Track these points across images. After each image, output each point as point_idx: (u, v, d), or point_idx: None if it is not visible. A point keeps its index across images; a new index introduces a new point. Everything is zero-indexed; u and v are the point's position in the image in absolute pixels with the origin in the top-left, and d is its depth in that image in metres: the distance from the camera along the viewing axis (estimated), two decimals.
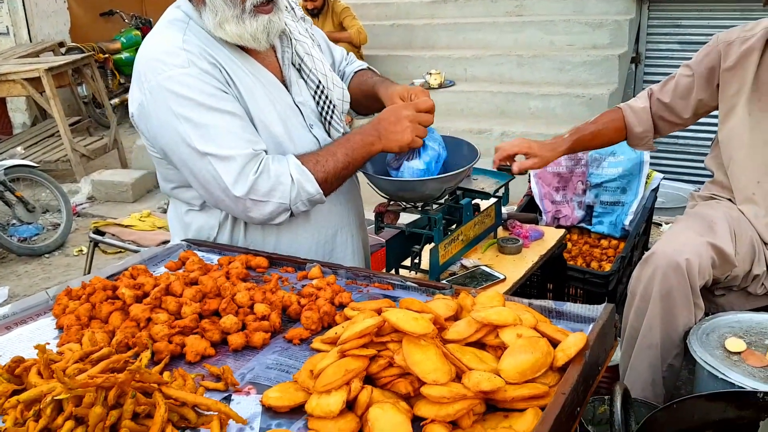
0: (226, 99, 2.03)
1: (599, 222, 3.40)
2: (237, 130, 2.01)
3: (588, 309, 1.62)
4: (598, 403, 2.23)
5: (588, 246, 3.40)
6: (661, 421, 1.53)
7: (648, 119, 2.63)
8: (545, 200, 3.46)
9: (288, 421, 1.35)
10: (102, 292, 1.76)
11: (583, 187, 3.42)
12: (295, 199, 2.05)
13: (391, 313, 1.42)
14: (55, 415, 1.29)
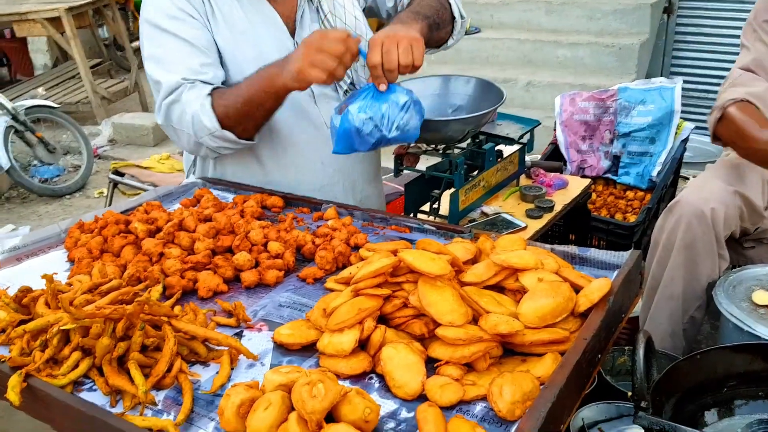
0: (187, 24, 1.97)
1: (626, 173, 3.30)
2: (180, 57, 1.96)
3: (613, 255, 1.55)
4: (617, 353, 2.18)
5: (613, 197, 3.31)
6: (684, 372, 1.48)
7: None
8: (571, 149, 3.36)
9: (299, 358, 1.32)
10: (114, 225, 1.73)
11: (611, 136, 3.32)
12: (199, 133, 1.96)
13: (407, 253, 1.37)
14: (61, 345, 1.27)
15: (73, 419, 1.17)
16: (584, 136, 3.37)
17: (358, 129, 1.74)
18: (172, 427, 1.12)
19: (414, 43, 1.76)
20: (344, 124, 1.75)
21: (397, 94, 1.78)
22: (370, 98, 1.76)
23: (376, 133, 1.76)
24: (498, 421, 1.14)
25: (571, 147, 3.36)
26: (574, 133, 3.36)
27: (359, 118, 1.73)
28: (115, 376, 1.21)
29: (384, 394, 1.22)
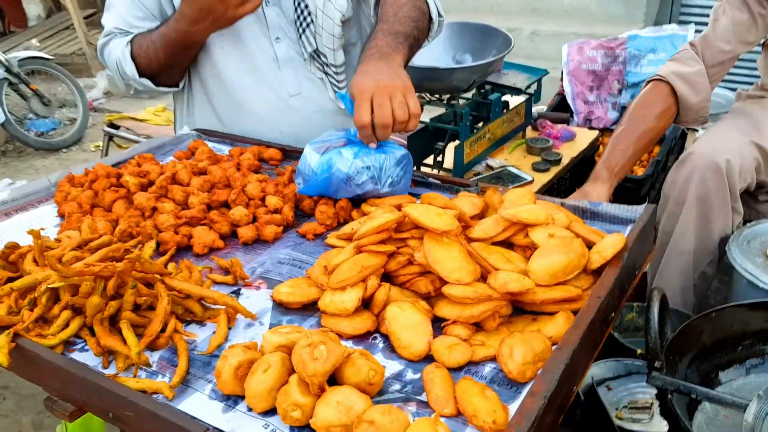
0: None
1: None
2: (122, 6, 2.01)
3: (626, 210, 1.49)
4: (626, 309, 2.13)
5: None
6: (698, 330, 1.43)
7: (705, 83, 2.18)
8: (578, 100, 3.26)
9: (300, 317, 1.27)
10: (105, 179, 1.65)
11: (619, 86, 3.22)
12: (124, 78, 2.05)
13: (412, 208, 1.30)
14: (50, 304, 1.22)
15: (63, 381, 1.12)
16: (591, 86, 3.26)
17: (348, 177, 1.52)
18: (167, 389, 1.07)
19: (407, 93, 1.60)
20: (330, 170, 1.52)
21: (393, 146, 1.59)
22: (365, 146, 1.57)
23: (369, 185, 1.54)
24: (508, 383, 1.08)
25: (578, 98, 3.26)
26: (581, 83, 3.26)
27: (354, 166, 1.52)
28: (107, 337, 1.15)
29: (389, 354, 1.16)
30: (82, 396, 1.11)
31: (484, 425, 0.98)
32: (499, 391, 1.06)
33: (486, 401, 1.01)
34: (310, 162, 1.54)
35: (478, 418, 0.99)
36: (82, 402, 1.12)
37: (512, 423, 0.94)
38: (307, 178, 1.55)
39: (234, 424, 1.02)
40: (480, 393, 1.03)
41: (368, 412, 0.96)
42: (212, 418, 1.03)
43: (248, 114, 2.10)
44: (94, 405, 1.10)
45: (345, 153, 1.51)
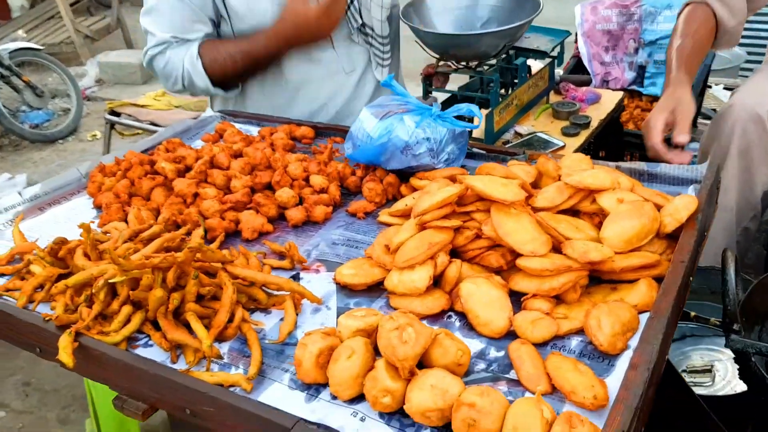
0: None
1: (652, 83, 3.16)
2: (171, 12, 1.97)
3: (686, 170, 1.44)
4: None
5: (639, 110, 3.17)
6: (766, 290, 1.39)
7: (743, 8, 2.11)
8: (594, 61, 3.20)
9: (367, 299, 1.22)
10: (139, 167, 1.59)
11: (636, 45, 3.15)
12: (191, 89, 2.08)
13: (475, 180, 1.25)
14: (109, 299, 1.16)
15: (133, 378, 1.07)
16: (607, 46, 3.19)
17: (407, 146, 1.46)
18: (245, 381, 1.03)
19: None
20: (389, 135, 1.46)
21: (453, 120, 1.52)
22: (428, 116, 1.50)
23: (426, 157, 1.48)
24: (599, 356, 1.05)
25: (594, 59, 3.19)
26: (596, 44, 3.19)
27: (415, 135, 1.46)
28: (174, 330, 1.10)
29: (467, 333, 1.12)
30: (155, 393, 1.06)
31: (584, 401, 0.94)
32: (591, 365, 1.02)
33: (582, 376, 0.97)
34: (365, 126, 1.48)
35: (577, 395, 0.95)
36: (155, 399, 1.07)
37: (619, 398, 0.90)
38: (360, 143, 1.50)
39: (321, 414, 0.97)
40: (574, 368, 0.99)
41: (465, 394, 0.92)
42: (296, 409, 0.99)
43: (303, 97, 2.14)
44: (168, 402, 1.05)
45: (407, 120, 1.46)
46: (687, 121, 1.77)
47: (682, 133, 1.75)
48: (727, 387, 1.58)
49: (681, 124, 1.77)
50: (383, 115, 1.48)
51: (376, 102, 1.55)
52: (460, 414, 0.90)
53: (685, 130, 1.75)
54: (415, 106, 1.51)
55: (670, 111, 1.80)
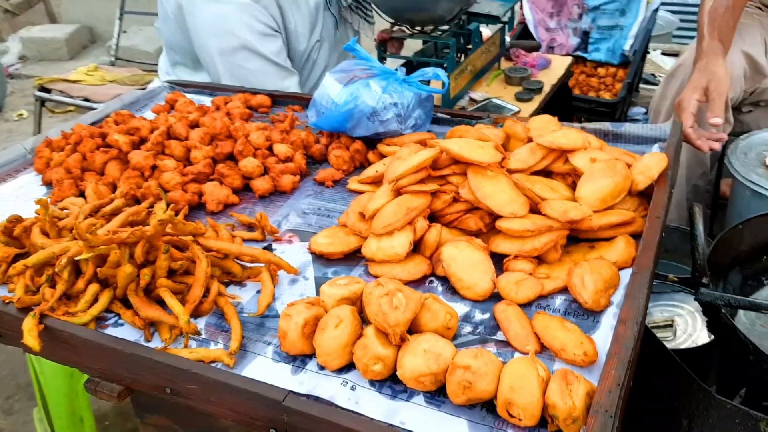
0: (271, 38, 2.01)
1: (596, 49, 3.20)
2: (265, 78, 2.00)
3: (650, 129, 1.46)
4: None
5: (584, 75, 3.22)
6: (731, 241, 1.43)
7: None
8: (539, 28, 3.21)
9: (345, 267, 1.19)
10: (90, 140, 1.51)
11: (579, 11, 3.18)
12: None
13: (450, 143, 1.23)
14: (73, 278, 1.10)
15: (106, 359, 1.02)
16: (552, 12, 3.22)
17: (374, 111, 1.43)
18: (227, 356, 0.99)
19: None
20: (355, 101, 1.43)
21: (418, 85, 1.49)
22: (394, 81, 1.46)
23: (393, 123, 1.45)
24: (583, 313, 1.05)
25: (539, 25, 3.21)
26: (541, 10, 3.21)
27: (382, 101, 1.42)
28: (148, 307, 1.05)
29: (450, 297, 1.11)
30: (131, 374, 1.01)
31: (575, 358, 0.94)
32: (576, 323, 1.02)
33: (571, 334, 0.98)
34: (330, 92, 1.44)
35: (567, 352, 0.95)
36: (131, 380, 1.02)
37: (612, 353, 0.90)
38: (324, 110, 1.46)
39: (309, 385, 0.95)
40: (561, 326, 0.99)
41: (459, 357, 0.91)
42: (284, 382, 0.95)
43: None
44: (146, 382, 1.00)
45: (373, 85, 1.42)
46: (721, 99, 1.68)
47: (716, 115, 1.66)
48: (688, 340, 1.63)
49: (714, 104, 1.68)
50: (348, 81, 1.45)
51: (339, 67, 1.50)
52: (455, 377, 0.89)
53: (719, 110, 1.66)
54: (379, 71, 1.48)
55: (703, 89, 1.71)
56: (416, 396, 0.93)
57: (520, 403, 0.86)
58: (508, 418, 0.88)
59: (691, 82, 1.76)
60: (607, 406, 0.83)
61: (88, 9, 7.19)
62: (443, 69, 2.12)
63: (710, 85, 1.72)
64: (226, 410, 0.96)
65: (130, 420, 2.34)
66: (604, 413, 0.82)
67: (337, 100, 1.43)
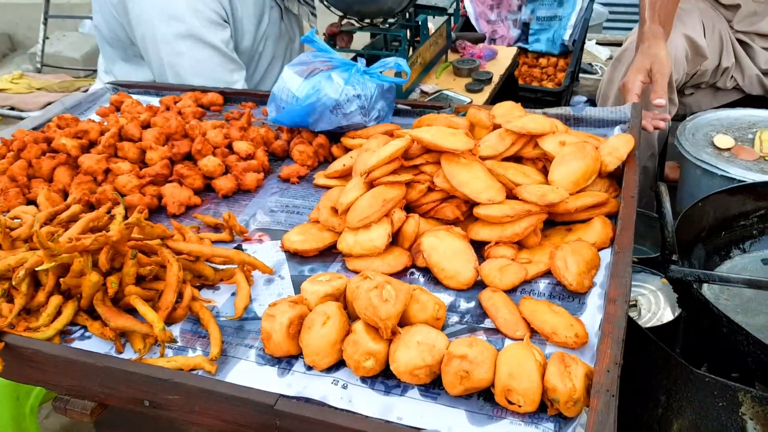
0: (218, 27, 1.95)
1: (536, 39, 3.24)
2: (212, 69, 1.94)
3: (611, 112, 1.48)
4: None
5: (527, 66, 3.25)
6: (693, 218, 1.46)
7: None
8: (480, 20, 3.23)
9: (321, 264, 1.16)
10: (35, 145, 1.42)
11: (519, 2, 3.21)
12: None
13: (422, 132, 1.21)
14: (32, 291, 1.03)
15: (77, 375, 0.95)
16: (492, 4, 3.24)
17: (337, 104, 1.39)
18: (208, 363, 0.94)
19: None
20: (318, 95, 1.38)
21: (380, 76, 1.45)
22: (356, 72, 1.42)
23: (357, 116, 1.41)
24: (568, 296, 1.05)
25: (480, 18, 3.23)
26: (482, 2, 3.23)
27: (345, 93, 1.39)
28: (118, 317, 0.99)
29: (433, 288, 1.09)
30: (105, 388, 0.95)
31: (567, 341, 0.93)
32: (562, 306, 1.02)
33: (560, 317, 0.97)
34: (290, 86, 1.39)
35: (559, 335, 0.94)
36: (105, 395, 0.96)
37: (605, 332, 0.90)
38: (285, 105, 1.41)
39: (299, 387, 0.91)
40: (549, 310, 0.98)
41: (454, 347, 0.89)
42: (271, 385, 0.91)
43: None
44: (122, 396, 0.94)
45: (335, 77, 1.38)
46: (664, 80, 1.72)
47: (659, 96, 1.70)
48: (653, 319, 1.65)
49: (658, 85, 1.72)
50: (308, 74, 1.41)
51: (297, 60, 1.46)
52: (451, 367, 0.87)
53: (662, 91, 1.70)
54: (339, 63, 1.44)
55: (646, 71, 1.74)
56: (411, 390, 0.91)
57: (520, 389, 0.84)
58: (507, 405, 0.86)
59: (635, 65, 1.80)
60: (607, 386, 0.82)
61: (6, 16, 6.87)
62: None
63: (653, 67, 1.76)
64: (211, 419, 0.91)
65: None
66: (606, 393, 0.82)
67: (298, 94, 1.39)
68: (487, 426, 0.85)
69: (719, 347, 1.28)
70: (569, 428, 0.83)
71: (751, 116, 2.03)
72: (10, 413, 1.72)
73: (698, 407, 1.19)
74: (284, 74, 1.42)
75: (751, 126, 1.98)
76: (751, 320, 1.35)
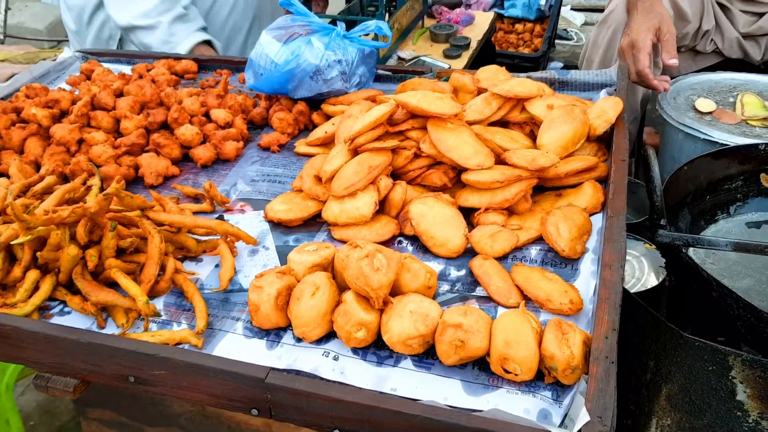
0: None
1: (512, 5, 3.19)
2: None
3: (596, 75, 1.46)
4: None
5: (502, 32, 3.21)
6: (679, 182, 1.45)
7: None
8: None
9: (306, 234, 1.13)
10: (4, 116, 1.37)
11: None
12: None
13: (407, 96, 1.18)
14: (8, 266, 0.99)
15: (59, 352, 0.92)
16: None
17: (317, 70, 1.35)
18: (194, 336, 0.92)
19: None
20: (297, 60, 1.34)
21: (360, 40, 1.41)
22: (337, 36, 1.38)
23: (338, 82, 1.38)
24: (561, 262, 1.03)
25: None
26: None
27: (326, 58, 1.34)
28: (99, 291, 0.96)
29: (422, 256, 1.07)
30: (88, 365, 0.92)
31: (562, 308, 0.92)
32: (555, 272, 1.00)
33: (554, 283, 0.95)
34: (268, 52, 1.34)
35: (553, 302, 0.93)
36: (88, 372, 0.93)
37: (602, 297, 0.89)
38: (263, 71, 1.36)
39: (289, 360, 0.89)
40: (543, 277, 0.97)
41: (447, 315, 0.87)
42: (259, 358, 0.89)
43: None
44: (107, 372, 0.91)
45: (315, 42, 1.33)
46: (673, 39, 1.67)
47: (673, 56, 1.66)
48: (638, 284, 1.65)
49: (669, 44, 1.67)
50: (287, 38, 1.36)
51: (275, 24, 1.41)
52: (446, 336, 0.85)
53: (674, 50, 1.66)
54: (319, 27, 1.40)
55: (655, 30, 1.69)
56: (403, 360, 0.89)
57: (517, 358, 0.83)
58: (503, 374, 0.85)
59: (642, 24, 1.74)
60: (607, 352, 0.81)
61: None
62: None
63: (662, 26, 1.72)
64: (200, 394, 0.88)
65: (57, 418, 2.20)
66: (605, 359, 0.80)
67: (276, 60, 1.34)
68: (483, 395, 0.84)
69: (708, 312, 1.28)
70: (567, 396, 0.82)
71: (732, 80, 2.02)
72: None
73: (687, 372, 1.20)
74: (262, 39, 1.38)
75: (731, 89, 1.97)
76: (737, 283, 1.35)
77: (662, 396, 1.25)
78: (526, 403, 0.82)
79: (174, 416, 1.17)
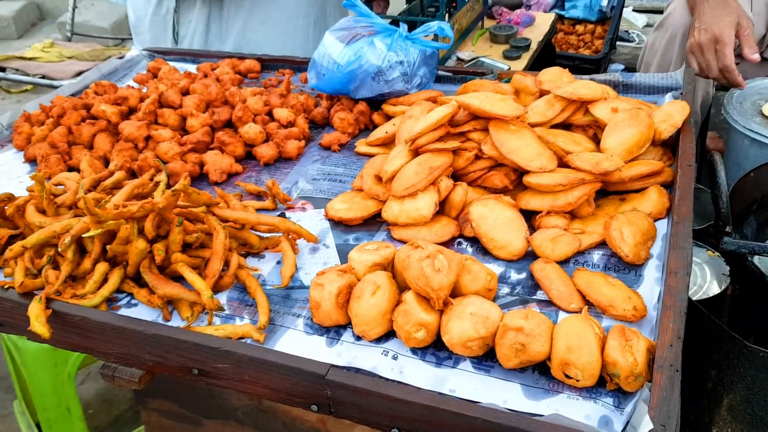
0: None
1: (573, 6, 3.15)
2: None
3: (661, 78, 1.42)
4: None
5: (563, 33, 3.18)
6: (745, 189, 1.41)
7: None
8: None
9: (366, 233, 1.13)
10: (75, 112, 1.41)
11: None
12: None
13: (470, 98, 1.17)
14: (78, 258, 1.02)
15: (126, 343, 0.95)
16: None
17: (379, 71, 1.36)
18: (256, 331, 0.93)
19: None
20: (359, 61, 1.35)
21: (421, 41, 1.40)
22: (399, 37, 1.38)
23: (399, 83, 1.37)
24: (624, 267, 1.01)
25: None
26: None
27: (388, 59, 1.35)
28: (165, 284, 0.98)
29: (481, 258, 1.06)
30: (154, 356, 0.94)
31: (625, 314, 0.90)
32: (618, 278, 0.99)
33: (617, 289, 0.94)
34: (331, 52, 1.36)
35: (616, 308, 0.91)
36: (154, 363, 0.95)
37: (667, 305, 0.87)
38: (326, 71, 1.38)
39: (348, 357, 0.89)
40: (605, 282, 0.95)
41: (509, 318, 0.86)
42: (319, 355, 0.90)
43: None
44: (171, 364, 0.94)
45: (378, 43, 1.34)
46: (753, 35, 1.63)
47: (754, 50, 1.62)
48: (700, 292, 1.61)
49: (751, 39, 1.63)
50: (350, 39, 1.37)
51: (339, 25, 1.43)
52: (506, 340, 0.85)
53: (754, 45, 1.61)
54: (382, 28, 1.40)
55: (736, 25, 1.64)
56: (462, 362, 0.89)
57: (579, 363, 0.82)
58: (564, 379, 0.84)
59: (721, 18, 1.67)
60: (671, 360, 0.80)
61: None
62: None
63: (741, 21, 1.66)
64: (261, 388, 0.90)
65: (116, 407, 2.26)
66: (670, 367, 0.79)
67: (339, 61, 1.36)
68: (543, 400, 0.83)
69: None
70: (629, 403, 0.81)
71: None
72: (49, 380, 1.74)
73: (750, 382, 1.16)
74: (325, 40, 1.39)
75: None
76: None
77: (723, 406, 1.22)
78: (588, 409, 0.81)
79: (231, 410, 1.19)
